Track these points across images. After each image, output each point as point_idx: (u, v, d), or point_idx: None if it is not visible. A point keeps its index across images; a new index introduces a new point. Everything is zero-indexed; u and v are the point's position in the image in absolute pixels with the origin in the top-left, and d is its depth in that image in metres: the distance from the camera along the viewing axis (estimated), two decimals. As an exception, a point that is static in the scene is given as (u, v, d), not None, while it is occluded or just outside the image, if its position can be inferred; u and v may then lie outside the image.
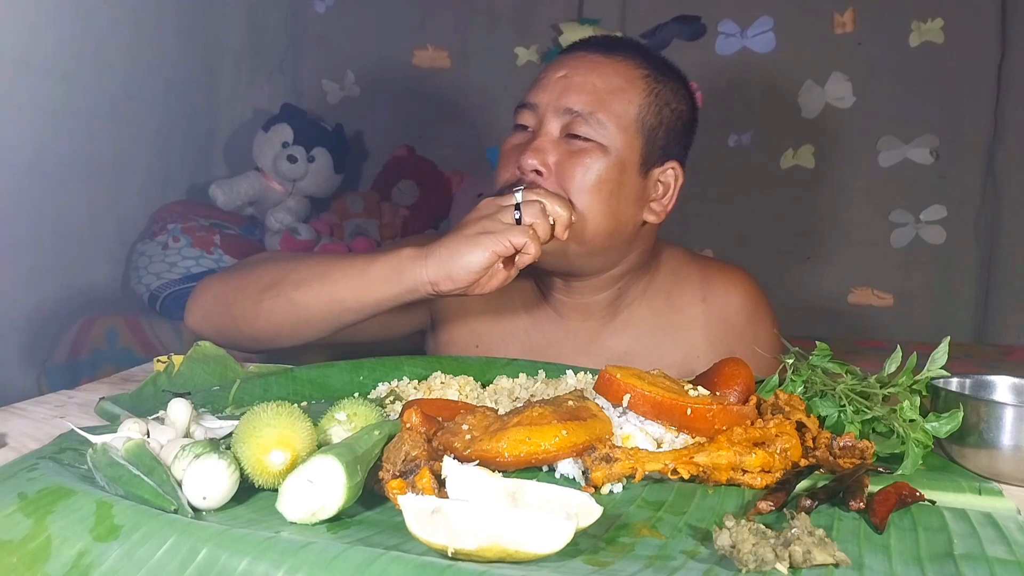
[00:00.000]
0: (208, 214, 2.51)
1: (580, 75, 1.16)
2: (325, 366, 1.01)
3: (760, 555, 0.53)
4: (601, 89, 1.15)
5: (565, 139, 1.15)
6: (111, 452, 0.64)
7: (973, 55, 2.68)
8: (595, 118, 1.13)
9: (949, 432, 0.78)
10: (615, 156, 1.14)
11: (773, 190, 2.83)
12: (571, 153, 1.13)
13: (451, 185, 2.90)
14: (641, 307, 1.27)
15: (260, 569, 0.49)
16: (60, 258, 2.16)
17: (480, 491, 0.60)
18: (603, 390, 0.79)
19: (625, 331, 1.27)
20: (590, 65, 1.17)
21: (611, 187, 1.14)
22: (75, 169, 2.17)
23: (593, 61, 1.18)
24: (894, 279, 2.79)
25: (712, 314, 1.28)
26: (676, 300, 1.29)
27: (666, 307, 1.28)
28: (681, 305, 1.29)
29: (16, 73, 1.94)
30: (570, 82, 1.16)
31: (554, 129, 1.15)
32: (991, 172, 2.70)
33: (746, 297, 1.30)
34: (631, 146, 1.16)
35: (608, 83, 1.16)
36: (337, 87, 3.08)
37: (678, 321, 1.28)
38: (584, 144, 1.13)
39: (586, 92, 1.15)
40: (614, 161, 1.14)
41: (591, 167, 1.13)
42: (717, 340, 1.27)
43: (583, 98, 1.14)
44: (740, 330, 1.28)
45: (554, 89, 1.16)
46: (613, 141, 1.14)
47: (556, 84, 1.16)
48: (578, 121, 1.14)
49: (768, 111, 2.82)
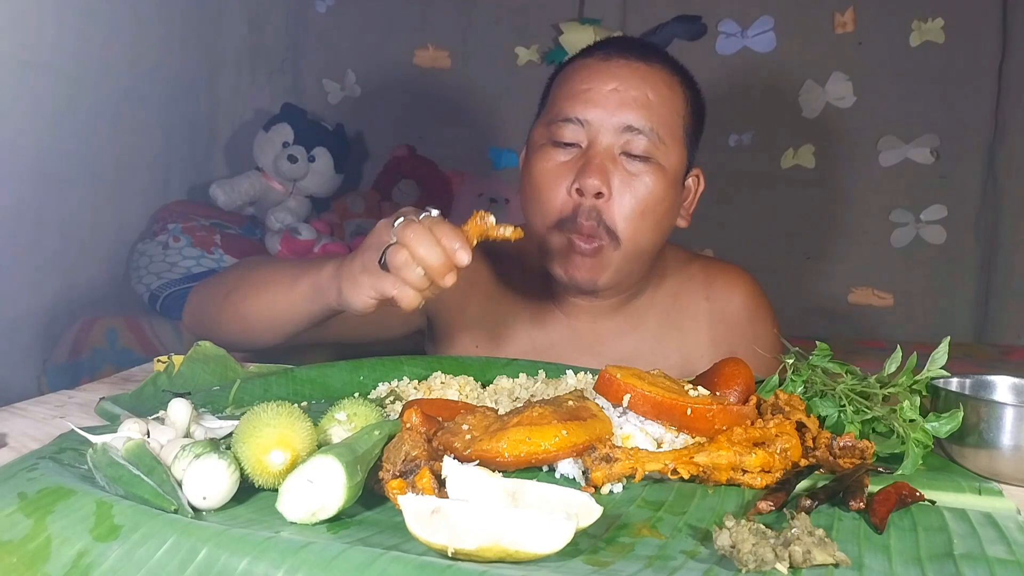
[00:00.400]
0: (209, 214, 2.51)
1: (633, 87, 1.11)
2: (325, 366, 1.01)
3: (760, 555, 0.53)
4: (655, 101, 1.11)
5: (622, 156, 1.10)
6: (111, 452, 0.64)
7: (974, 55, 2.69)
8: (654, 134, 1.10)
9: (949, 432, 0.78)
10: (670, 173, 1.13)
11: (773, 190, 2.84)
12: (631, 175, 1.10)
13: (452, 185, 2.90)
14: (648, 308, 1.27)
15: (260, 569, 0.49)
16: (61, 258, 2.16)
17: (480, 491, 0.60)
18: (603, 390, 0.79)
19: (632, 332, 1.26)
20: (639, 74, 1.12)
21: (666, 205, 1.14)
22: (76, 169, 2.17)
23: (638, 70, 1.12)
24: (894, 279, 2.79)
25: (715, 313, 1.28)
26: (682, 300, 1.28)
27: (672, 307, 1.28)
28: (686, 305, 1.28)
29: (18, 73, 1.94)
30: (625, 96, 1.10)
31: (612, 147, 1.10)
32: (991, 172, 2.70)
33: (748, 296, 1.30)
34: (680, 159, 1.15)
35: (658, 94, 1.12)
36: (338, 87, 3.08)
37: (683, 321, 1.28)
38: (642, 165, 1.10)
39: (642, 106, 1.10)
40: (669, 179, 1.13)
41: (651, 189, 1.11)
42: (719, 339, 1.27)
43: (640, 114, 1.10)
44: (741, 329, 1.28)
45: (607, 104, 1.10)
46: (668, 158, 1.12)
47: (608, 98, 1.10)
48: (637, 138, 1.10)
49: (768, 111, 2.82)
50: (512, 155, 3.02)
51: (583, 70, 1.14)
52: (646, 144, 1.10)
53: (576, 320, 1.25)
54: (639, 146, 1.10)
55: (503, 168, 3.01)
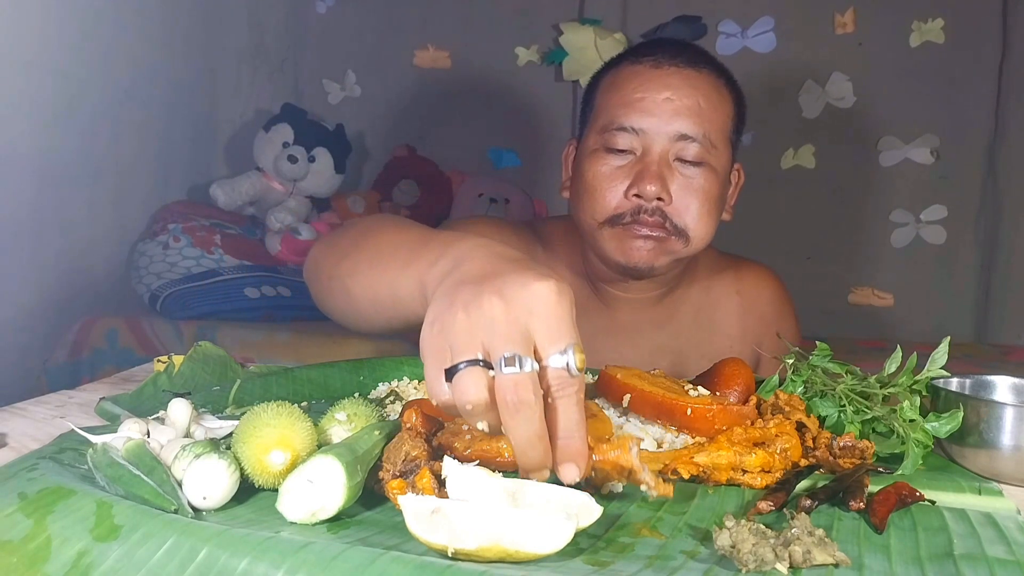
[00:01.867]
0: (209, 214, 2.51)
1: (686, 95, 1.14)
2: (325, 366, 1.01)
3: (760, 555, 0.53)
4: (706, 108, 1.15)
5: (676, 162, 1.14)
6: (111, 452, 0.64)
7: (974, 55, 2.69)
8: (707, 140, 1.14)
9: (949, 432, 0.78)
10: (720, 173, 1.17)
11: (773, 190, 2.84)
12: (687, 179, 1.14)
13: (452, 185, 2.90)
14: (683, 301, 1.32)
15: (260, 569, 0.49)
16: (61, 258, 2.16)
17: (480, 491, 0.60)
18: (603, 390, 0.79)
19: (669, 323, 1.31)
20: (690, 82, 1.15)
21: (719, 204, 1.19)
22: (76, 169, 2.17)
23: (689, 76, 1.15)
24: (894, 279, 2.79)
25: (746, 306, 1.35)
26: (714, 293, 1.35)
27: (705, 300, 1.34)
28: (718, 299, 1.34)
29: (18, 73, 1.94)
30: (678, 105, 1.14)
31: (666, 154, 1.14)
32: (991, 172, 2.70)
33: (775, 292, 1.38)
34: (728, 158, 1.20)
35: (709, 100, 1.15)
36: (338, 87, 3.08)
37: (715, 314, 1.34)
38: (696, 170, 1.14)
39: (695, 114, 1.14)
40: (720, 179, 1.18)
41: (707, 192, 1.15)
42: (748, 332, 1.34)
43: (693, 121, 1.13)
44: (768, 323, 1.35)
45: (662, 113, 1.13)
46: (719, 160, 1.16)
47: (662, 107, 1.14)
48: (691, 146, 1.13)
49: (769, 111, 2.82)
50: (512, 155, 3.02)
51: (635, 78, 1.16)
52: (698, 150, 1.14)
53: (615, 311, 1.29)
54: (692, 152, 1.14)
55: (503, 168, 3.01)
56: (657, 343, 1.30)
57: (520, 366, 0.57)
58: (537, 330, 0.59)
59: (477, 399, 0.58)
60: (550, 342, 0.59)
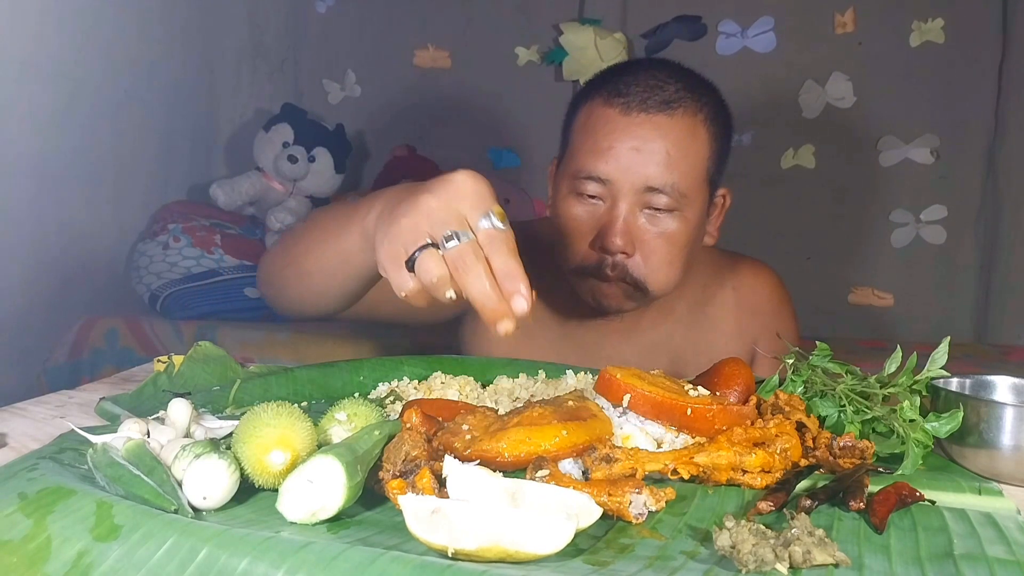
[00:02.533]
0: (209, 214, 2.51)
1: (653, 144, 1.12)
2: (325, 366, 1.01)
3: (760, 555, 0.53)
4: (675, 156, 1.12)
5: (644, 211, 1.14)
6: (111, 452, 0.64)
7: (974, 55, 2.68)
8: (676, 191, 1.12)
9: (949, 432, 0.78)
10: (693, 219, 1.16)
11: (773, 190, 2.84)
12: (655, 229, 1.14)
13: (451, 185, 2.89)
14: (679, 298, 1.31)
15: (260, 569, 0.49)
16: (61, 258, 2.16)
17: (480, 491, 0.60)
18: (603, 390, 0.79)
19: (663, 321, 1.31)
20: (659, 131, 1.12)
21: (691, 245, 1.18)
22: (76, 169, 2.17)
23: (659, 124, 1.13)
24: (894, 279, 2.79)
25: (742, 303, 1.34)
26: (710, 290, 1.34)
27: (701, 298, 1.33)
28: (714, 295, 1.34)
29: (18, 73, 1.94)
30: (645, 156, 1.12)
31: (634, 205, 1.13)
32: (991, 172, 2.70)
33: (772, 289, 1.37)
34: (704, 200, 1.18)
35: (679, 147, 1.13)
36: (338, 87, 3.08)
37: (711, 310, 1.33)
38: (665, 218, 1.14)
39: (662, 164, 1.12)
40: (693, 224, 1.16)
41: (675, 240, 1.15)
42: (745, 328, 1.33)
43: (661, 171, 1.12)
44: (765, 320, 1.34)
45: (628, 163, 1.12)
46: (691, 206, 1.15)
47: (629, 158, 1.12)
48: (658, 196, 1.12)
49: (768, 111, 2.82)
50: (512, 155, 3.02)
51: (604, 125, 1.15)
52: (667, 200, 1.13)
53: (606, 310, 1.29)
54: (660, 202, 1.13)
55: (503, 168, 3.01)
56: (653, 341, 1.30)
57: (459, 239, 0.72)
58: (464, 208, 0.74)
59: (438, 272, 0.71)
60: (475, 212, 0.74)
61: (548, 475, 0.64)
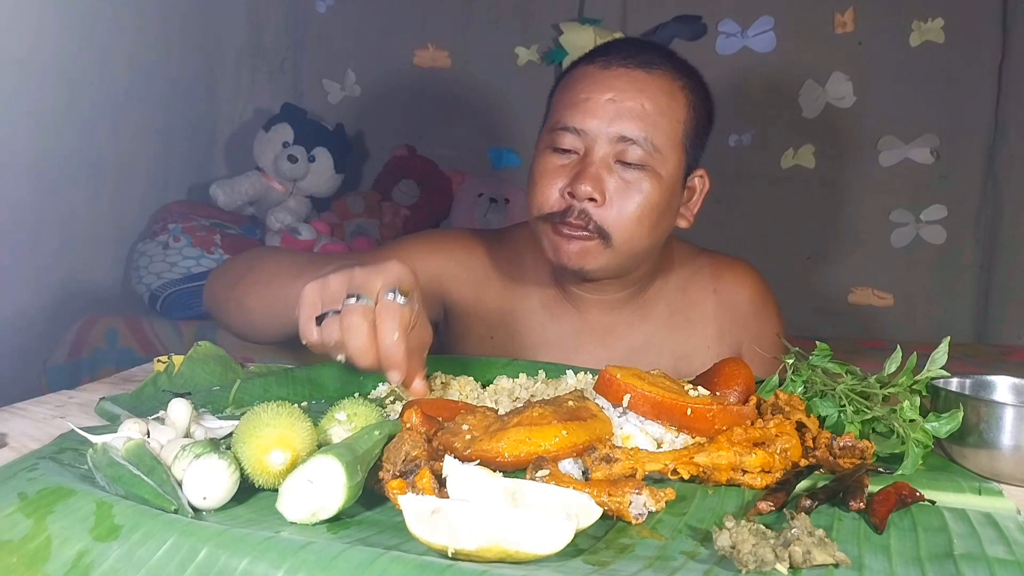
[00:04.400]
0: (209, 214, 2.51)
1: (629, 98, 1.12)
2: (325, 366, 1.01)
3: (760, 555, 0.53)
4: (651, 112, 1.12)
5: (617, 164, 1.12)
6: (111, 452, 0.64)
7: (974, 55, 2.69)
8: (649, 144, 1.12)
9: (949, 432, 0.78)
10: (666, 179, 1.14)
11: (773, 190, 2.84)
12: (626, 182, 1.12)
13: (452, 185, 2.90)
14: (658, 300, 1.29)
15: (260, 569, 0.49)
16: (61, 258, 2.16)
17: (480, 491, 0.60)
18: (603, 390, 0.79)
19: (642, 324, 1.29)
20: (636, 85, 1.13)
21: (661, 209, 1.15)
22: (76, 169, 2.17)
23: (637, 79, 1.13)
24: (894, 279, 2.79)
25: (723, 305, 1.31)
26: (690, 293, 1.32)
27: (681, 300, 1.31)
28: (695, 297, 1.32)
29: (18, 73, 1.94)
30: (621, 107, 1.12)
31: (607, 156, 1.12)
32: (991, 172, 2.70)
33: (755, 291, 1.34)
34: (678, 164, 1.16)
35: (656, 104, 1.13)
36: (338, 87, 3.08)
37: (691, 313, 1.31)
38: (637, 173, 1.12)
39: (637, 117, 1.12)
40: (666, 184, 1.14)
41: (646, 195, 1.12)
42: (726, 331, 1.30)
43: (635, 124, 1.11)
44: (748, 322, 1.31)
45: (603, 114, 1.12)
46: (664, 165, 1.14)
47: (604, 108, 1.12)
48: (632, 148, 1.11)
49: (768, 111, 2.82)
50: (512, 155, 3.02)
51: (583, 79, 1.16)
52: (640, 154, 1.11)
53: (585, 313, 1.27)
54: (633, 155, 1.12)
55: (503, 168, 3.01)
56: (631, 344, 1.27)
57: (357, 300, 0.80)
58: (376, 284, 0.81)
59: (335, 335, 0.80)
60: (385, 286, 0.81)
61: (548, 475, 0.64)
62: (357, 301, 0.80)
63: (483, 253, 1.32)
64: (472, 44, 2.98)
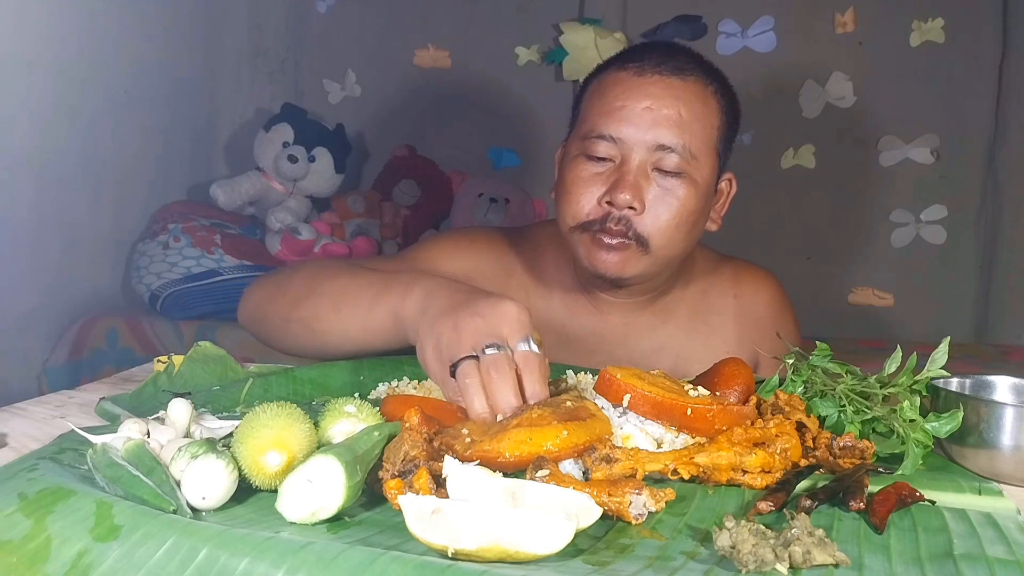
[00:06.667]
0: (209, 214, 2.51)
1: (666, 105, 1.12)
2: (325, 366, 1.01)
3: (760, 556, 0.53)
4: (687, 119, 1.12)
5: (654, 172, 1.13)
6: (111, 452, 0.64)
7: (974, 55, 2.68)
8: (686, 151, 1.12)
9: (949, 432, 0.78)
10: (702, 185, 1.15)
11: (773, 190, 2.84)
12: (664, 190, 1.12)
13: (452, 185, 2.90)
14: (678, 304, 1.30)
15: (260, 569, 0.49)
16: (61, 258, 2.16)
17: (480, 491, 0.60)
18: (603, 390, 0.79)
19: (662, 327, 1.29)
20: (672, 92, 1.13)
21: (696, 215, 1.16)
22: (76, 169, 2.17)
23: (672, 86, 1.13)
24: (894, 279, 2.79)
25: (743, 310, 1.33)
26: (710, 297, 1.33)
27: (701, 304, 1.32)
28: (714, 301, 1.33)
29: (18, 73, 1.94)
30: (658, 115, 1.12)
31: (644, 164, 1.12)
32: (992, 172, 2.70)
33: (773, 297, 1.35)
34: (712, 169, 1.17)
35: (691, 111, 1.13)
36: (338, 87, 3.08)
37: (711, 317, 1.32)
38: (674, 180, 1.13)
39: (675, 125, 1.12)
40: (701, 190, 1.15)
41: (683, 202, 1.13)
42: (745, 336, 1.31)
43: (673, 132, 1.11)
44: (766, 328, 1.32)
45: (640, 122, 1.12)
46: (700, 171, 1.14)
47: (641, 116, 1.12)
48: (669, 156, 1.11)
49: (769, 111, 2.82)
50: (512, 155, 3.02)
51: (617, 85, 1.15)
52: (678, 161, 1.12)
53: (607, 315, 1.28)
54: (671, 163, 1.12)
55: (503, 168, 3.01)
56: (651, 347, 1.28)
57: (497, 350, 0.79)
58: (506, 331, 0.81)
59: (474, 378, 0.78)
60: (517, 336, 0.81)
61: (548, 475, 0.64)
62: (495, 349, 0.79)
63: (508, 251, 1.32)
64: (472, 44, 2.98)
